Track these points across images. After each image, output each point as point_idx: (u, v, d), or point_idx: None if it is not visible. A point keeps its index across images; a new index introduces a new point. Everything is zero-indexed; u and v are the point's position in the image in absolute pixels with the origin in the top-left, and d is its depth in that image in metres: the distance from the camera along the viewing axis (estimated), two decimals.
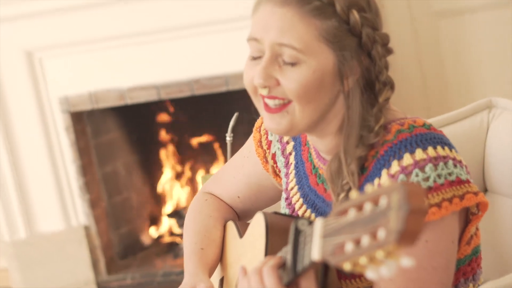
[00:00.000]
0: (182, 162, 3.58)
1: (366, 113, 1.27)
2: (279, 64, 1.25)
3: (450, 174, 1.23)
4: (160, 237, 3.61)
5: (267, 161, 1.51)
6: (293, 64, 1.24)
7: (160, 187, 3.60)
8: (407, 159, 1.23)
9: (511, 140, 1.62)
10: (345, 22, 1.24)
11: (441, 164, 1.23)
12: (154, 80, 3.18)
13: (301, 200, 1.41)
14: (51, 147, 3.34)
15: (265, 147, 1.49)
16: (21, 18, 3.20)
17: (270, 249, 1.27)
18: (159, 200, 3.60)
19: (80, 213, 3.38)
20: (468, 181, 1.25)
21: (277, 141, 1.48)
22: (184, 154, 3.57)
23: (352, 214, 0.92)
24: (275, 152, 1.48)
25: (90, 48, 3.21)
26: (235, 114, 1.92)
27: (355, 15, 1.24)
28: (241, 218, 1.59)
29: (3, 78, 3.30)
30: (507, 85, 3.09)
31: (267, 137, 1.49)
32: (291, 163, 1.45)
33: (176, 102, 3.35)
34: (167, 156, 3.57)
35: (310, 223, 1.09)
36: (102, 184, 3.43)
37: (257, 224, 1.34)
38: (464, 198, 1.23)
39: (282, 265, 1.18)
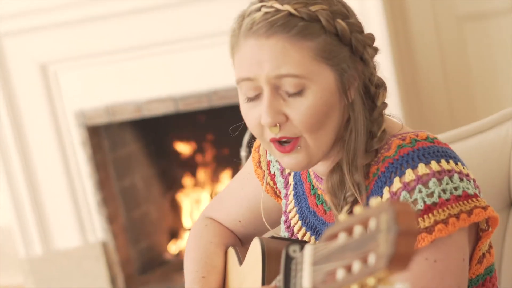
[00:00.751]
0: (201, 174, 3.52)
1: (368, 119, 1.22)
2: (283, 98, 1.19)
3: (456, 188, 1.17)
4: (180, 252, 3.54)
5: (267, 182, 1.45)
6: (299, 93, 1.18)
7: (179, 201, 3.54)
8: (409, 174, 1.17)
9: None
10: (334, 34, 1.20)
11: (445, 178, 1.17)
12: (172, 92, 3.12)
13: (299, 223, 1.36)
14: (67, 162, 3.29)
15: (264, 168, 1.43)
16: (35, 31, 3.17)
17: (267, 277, 1.22)
18: (179, 213, 3.54)
19: (97, 228, 3.33)
20: (476, 195, 1.19)
21: (276, 161, 1.42)
22: (204, 166, 3.50)
23: (342, 238, 0.86)
24: (274, 172, 1.43)
25: (105, 60, 3.17)
26: None
27: (342, 24, 1.20)
28: (244, 242, 1.52)
29: (17, 91, 3.26)
30: None
31: (266, 157, 1.43)
32: (290, 184, 1.40)
33: (194, 113, 3.27)
34: (186, 169, 3.50)
35: (302, 248, 1.01)
36: (120, 198, 3.38)
37: (254, 250, 1.29)
38: (473, 213, 1.17)
39: None
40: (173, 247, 3.54)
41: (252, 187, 1.46)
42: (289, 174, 1.40)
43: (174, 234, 3.56)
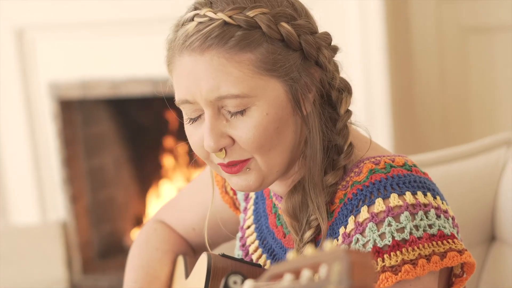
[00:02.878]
0: (176, 162, 3.38)
1: (331, 132, 1.09)
2: (226, 118, 1.06)
3: (430, 226, 1.04)
4: None
5: (226, 191, 1.33)
6: (242, 112, 1.05)
7: (149, 187, 3.40)
8: (378, 204, 1.04)
9: None
10: (279, 40, 1.05)
11: (420, 213, 1.04)
12: (152, 74, 2.97)
13: (256, 243, 1.24)
14: (35, 135, 3.15)
15: (214, 178, 1.31)
16: None
17: None
18: (147, 200, 3.40)
19: (59, 207, 3.19)
20: (453, 236, 1.06)
21: None
22: (179, 154, 3.37)
23: (287, 280, 0.75)
24: None
25: (86, 32, 3.03)
26: None
27: (286, 28, 1.06)
28: (197, 251, 1.42)
29: None
30: None
31: None
32: (251, 197, 1.28)
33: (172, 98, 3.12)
34: (160, 156, 3.36)
35: (244, 280, 0.89)
36: (87, 178, 3.25)
37: (200, 267, 1.18)
38: (446, 257, 1.04)
39: None
40: (136, 235, 3.40)
41: (209, 194, 1.33)
42: None
43: (139, 221, 3.43)
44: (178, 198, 1.42)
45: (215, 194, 1.34)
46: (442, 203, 1.08)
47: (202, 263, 1.17)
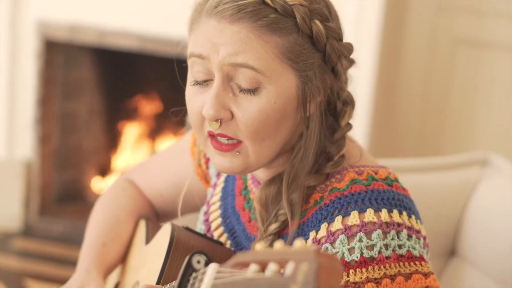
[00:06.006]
0: (149, 122, 3.35)
1: (326, 139, 1.08)
2: (233, 92, 1.04)
3: (400, 246, 1.04)
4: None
5: (199, 164, 1.32)
6: (252, 91, 1.03)
7: (118, 140, 3.38)
8: (354, 217, 1.04)
9: (497, 207, 1.43)
10: (307, 35, 1.05)
11: (392, 232, 1.04)
12: (141, 30, 2.93)
13: (219, 220, 1.23)
14: (14, 69, 3.10)
15: (200, 148, 1.28)
16: None
17: (168, 270, 1.11)
18: (114, 152, 3.37)
19: (27, 146, 3.14)
20: (421, 258, 1.06)
21: None
22: (150, 116, 3.34)
23: (252, 271, 0.74)
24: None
25: None
26: None
27: (318, 26, 1.05)
28: (161, 217, 1.41)
29: None
30: None
31: None
32: (223, 174, 1.27)
33: (160, 59, 3.09)
34: (135, 112, 3.33)
35: (208, 262, 0.88)
36: (59, 121, 3.21)
37: (163, 237, 1.17)
38: (411, 278, 1.04)
39: None
40: (97, 185, 3.38)
41: (183, 164, 1.34)
42: None
43: (103, 172, 3.40)
44: (151, 161, 1.40)
45: (190, 165, 1.33)
46: (416, 222, 1.08)
47: (165, 233, 1.16)
